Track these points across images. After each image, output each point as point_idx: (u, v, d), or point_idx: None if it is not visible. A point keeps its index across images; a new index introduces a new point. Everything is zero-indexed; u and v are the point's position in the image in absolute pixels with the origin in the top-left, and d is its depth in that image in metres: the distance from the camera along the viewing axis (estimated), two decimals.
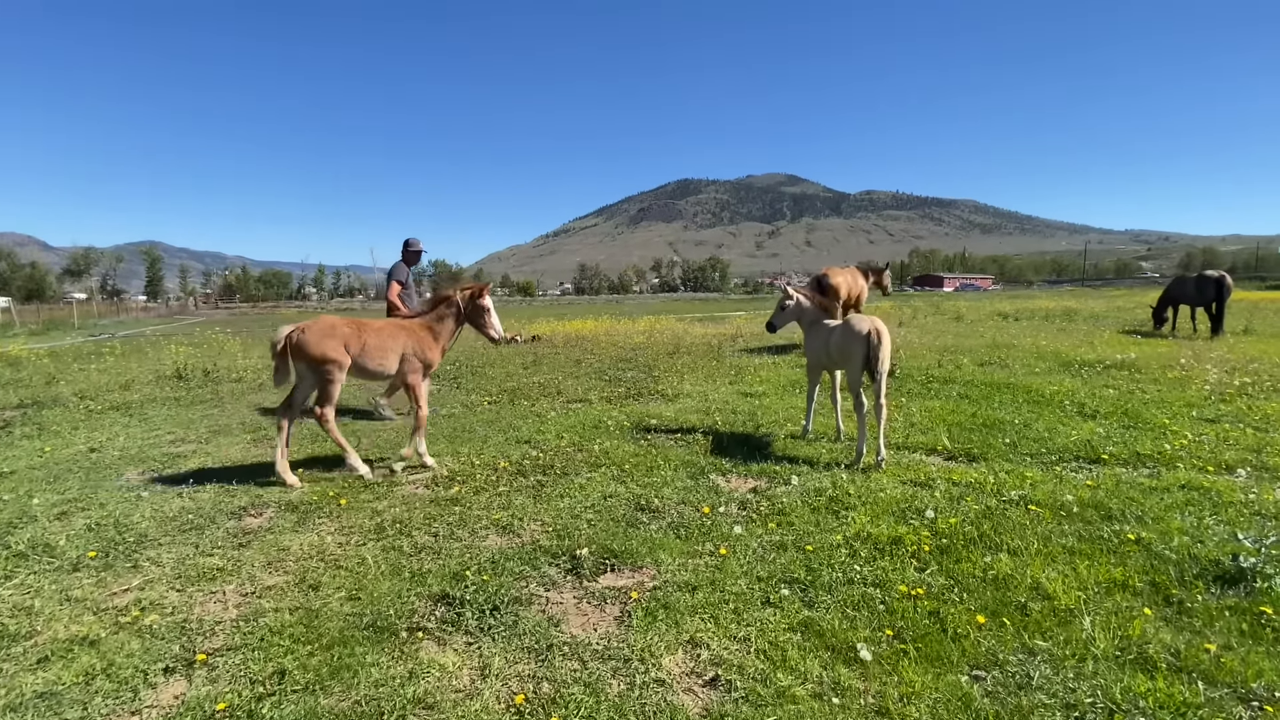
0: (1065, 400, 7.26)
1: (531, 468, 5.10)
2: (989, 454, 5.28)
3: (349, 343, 4.77)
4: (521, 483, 4.78)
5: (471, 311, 5.14)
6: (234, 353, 13.45)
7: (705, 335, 16.92)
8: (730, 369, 10.64)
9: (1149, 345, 12.38)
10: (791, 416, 6.84)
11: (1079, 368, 9.56)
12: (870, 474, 4.79)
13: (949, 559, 3.46)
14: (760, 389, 8.63)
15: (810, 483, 4.59)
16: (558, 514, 4.17)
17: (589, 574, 3.44)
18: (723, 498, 4.37)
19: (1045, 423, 6.29)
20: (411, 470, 5.18)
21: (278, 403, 8.04)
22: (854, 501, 4.22)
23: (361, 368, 4.84)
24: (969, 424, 6.30)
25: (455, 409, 7.70)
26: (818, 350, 5.63)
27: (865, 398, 5.16)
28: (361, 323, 4.99)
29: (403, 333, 4.99)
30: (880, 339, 4.96)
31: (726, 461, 5.11)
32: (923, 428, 6.25)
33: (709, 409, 7.31)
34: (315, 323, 4.82)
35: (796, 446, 5.62)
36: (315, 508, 4.42)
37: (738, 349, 14.13)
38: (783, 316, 5.94)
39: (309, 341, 4.68)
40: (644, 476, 4.80)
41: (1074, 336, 14.37)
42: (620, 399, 8.16)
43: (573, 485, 4.67)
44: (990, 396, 7.66)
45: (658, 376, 9.96)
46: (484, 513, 4.23)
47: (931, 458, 5.34)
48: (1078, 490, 4.35)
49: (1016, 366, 9.94)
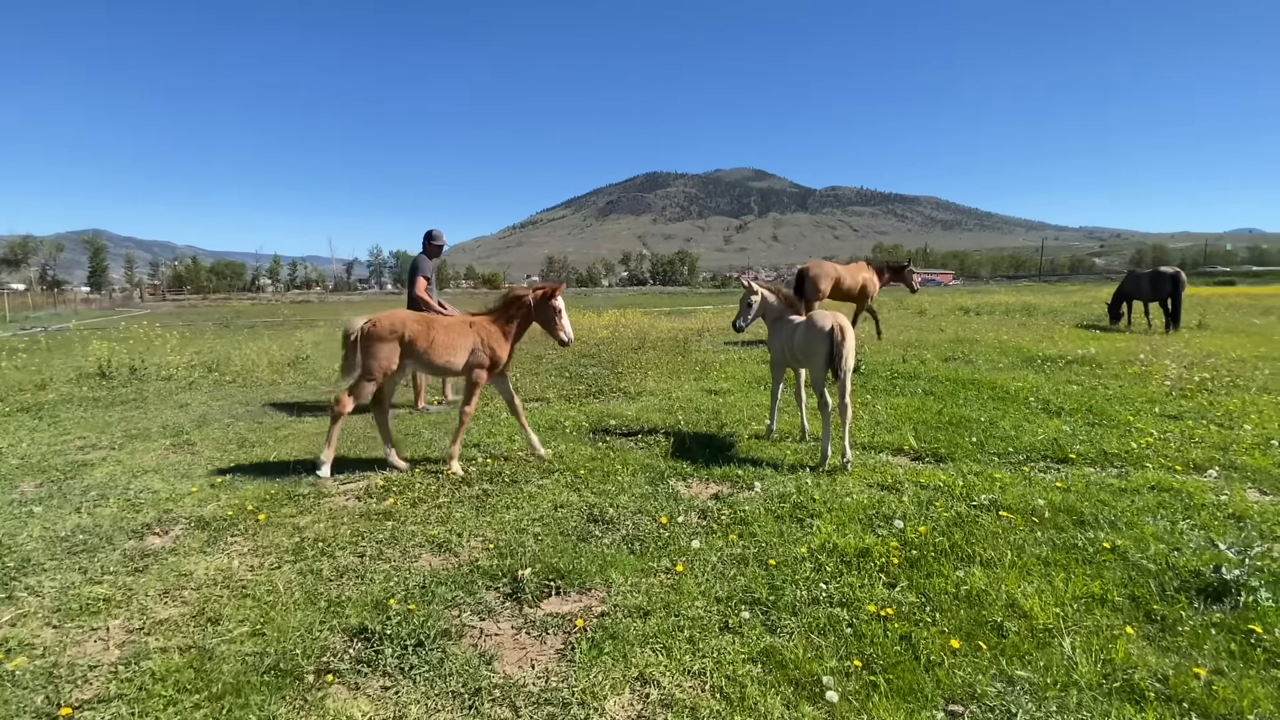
0: (1030, 396, 7.26)
1: (478, 475, 4.84)
2: (956, 454, 5.22)
3: (417, 339, 4.80)
4: (465, 492, 4.51)
5: (543, 312, 5.12)
6: (167, 348, 12.65)
7: (672, 330, 16.79)
8: (695, 365, 10.56)
9: (1107, 340, 12.62)
10: (756, 415, 6.74)
11: (1041, 363, 9.64)
12: (836, 476, 4.70)
13: (919, 573, 3.27)
14: (725, 385, 8.56)
15: (774, 487, 4.48)
16: (502, 528, 3.90)
17: (531, 598, 3.14)
18: (682, 505, 4.20)
19: (1011, 420, 6.26)
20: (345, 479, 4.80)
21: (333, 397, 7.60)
22: (819, 508, 4.07)
23: (428, 363, 4.87)
24: (935, 422, 6.26)
25: (400, 410, 7.43)
26: (781, 347, 5.52)
27: (829, 396, 5.07)
28: (430, 318, 5.03)
29: (472, 330, 5.03)
30: (844, 336, 4.87)
31: (688, 465, 5.00)
32: (889, 426, 6.20)
33: (672, 407, 7.20)
34: (387, 316, 4.87)
35: (761, 447, 5.51)
36: (229, 524, 4.01)
37: (704, 344, 13.97)
38: (748, 314, 5.80)
39: (378, 335, 4.75)
40: (600, 483, 4.62)
41: (1034, 331, 14.60)
42: (580, 397, 8.00)
43: (521, 495, 4.43)
44: (956, 393, 7.65)
45: (621, 373, 9.84)
46: (419, 528, 3.92)
47: (898, 458, 5.26)
48: (1048, 493, 4.25)
49: (980, 362, 9.99)
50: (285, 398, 8.28)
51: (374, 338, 4.77)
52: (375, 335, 4.77)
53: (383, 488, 4.59)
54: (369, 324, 4.78)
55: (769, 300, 5.74)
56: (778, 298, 5.74)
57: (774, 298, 5.74)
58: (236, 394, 8.57)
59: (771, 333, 5.75)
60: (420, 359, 4.86)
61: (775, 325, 5.70)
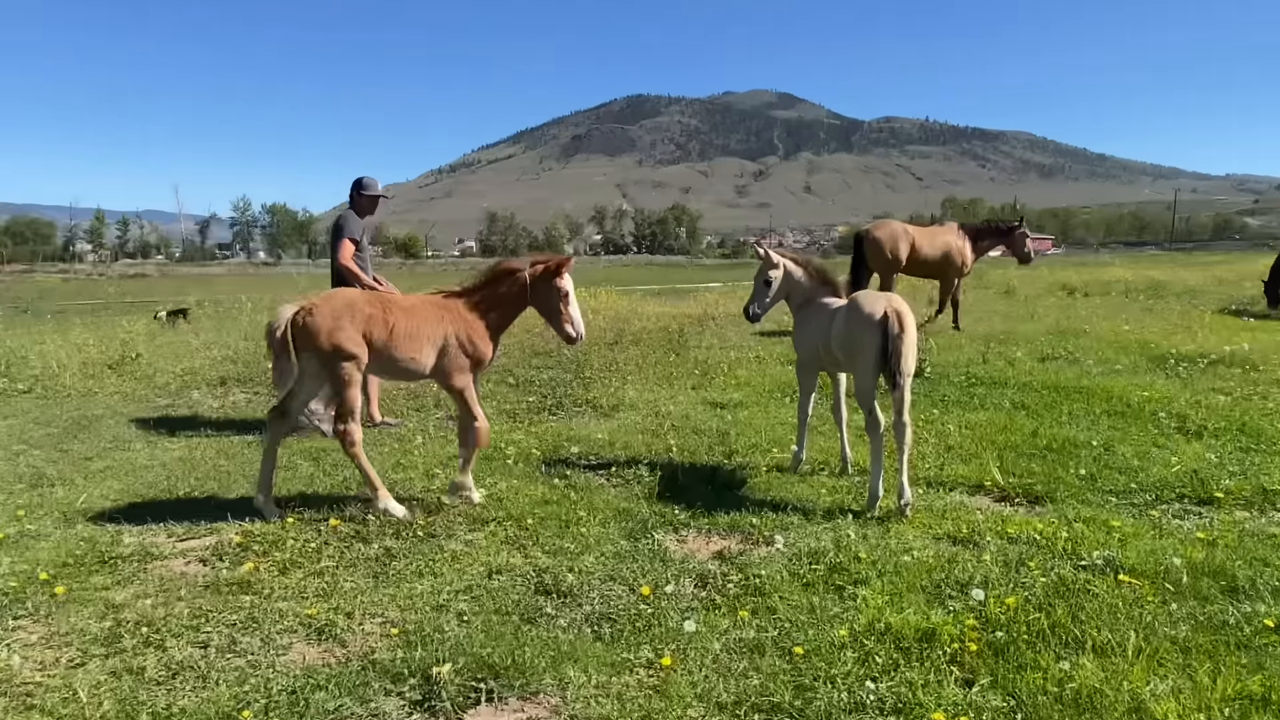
0: (1159, 410, 7.37)
1: (378, 527, 4.79)
2: (1058, 492, 5.28)
3: (372, 327, 4.88)
4: (360, 552, 4.46)
5: (543, 293, 5.22)
6: None
7: (663, 317, 16.86)
8: (694, 367, 10.64)
9: (1266, 332, 12.86)
10: (779, 438, 6.78)
11: (1175, 363, 9.81)
12: (890, 526, 4.73)
13: (1006, 665, 3.25)
14: (736, 396, 8.64)
15: (803, 542, 4.50)
16: (411, 605, 3.84)
17: (451, 708, 3.07)
18: (672, 569, 4.19)
19: (1133, 444, 6.34)
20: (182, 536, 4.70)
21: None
22: (866, 572, 4.07)
23: (388, 361, 4.95)
24: (1028, 447, 6.32)
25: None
26: (812, 343, 5.55)
27: (881, 412, 5.06)
28: (386, 298, 5.12)
29: (445, 315, 5.11)
30: (901, 326, 4.88)
31: (682, 510, 5.04)
32: (964, 453, 6.25)
33: (660, 427, 7.27)
34: (329, 298, 4.94)
35: (785, 484, 5.54)
36: (11, 601, 3.89)
37: (708, 337, 13.99)
38: (766, 296, 5.84)
39: (320, 325, 4.78)
40: (555, 537, 4.63)
41: (1165, 319, 14.83)
42: (530, 413, 8.08)
43: (441, 555, 4.39)
44: (1056, 406, 7.74)
45: (589, 379, 9.92)
46: (291, 605, 3.85)
47: (977, 499, 5.32)
48: (1186, 548, 4.27)
49: (1090, 362, 10.13)
50: (105, 414, 8.18)
51: (317, 329, 4.77)
52: (318, 326, 4.77)
53: (240, 546, 4.51)
54: (306, 312, 4.81)
55: (795, 276, 5.76)
56: (807, 273, 5.77)
57: (802, 272, 5.77)
58: (33, 410, 8.46)
59: (799, 322, 5.78)
60: (377, 354, 4.91)
61: (804, 312, 5.72)
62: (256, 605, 3.82)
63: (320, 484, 5.71)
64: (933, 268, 13.63)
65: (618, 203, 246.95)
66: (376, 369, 5.07)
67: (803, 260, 5.89)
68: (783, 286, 5.78)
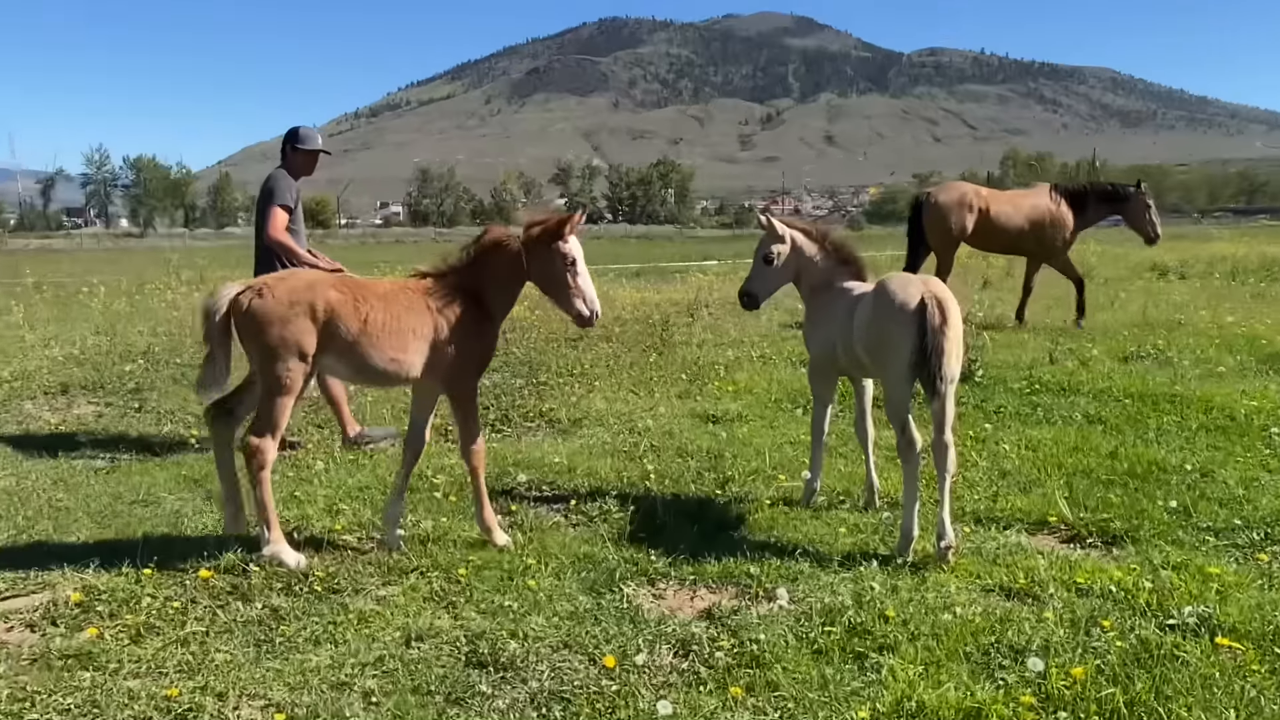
0: (1271, 426, 7.46)
1: (263, 580, 4.76)
2: (1141, 530, 5.33)
3: (340, 318, 4.92)
4: (238, 613, 4.42)
5: (543, 263, 5.31)
6: None
7: (642, 305, 16.93)
8: (681, 370, 10.71)
9: None
10: (787, 462, 6.82)
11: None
12: (927, 575, 4.77)
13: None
14: (733, 408, 8.69)
15: (814, 596, 4.55)
16: (303, 682, 3.82)
17: None
18: (646, 633, 4.19)
19: (1238, 468, 6.41)
20: None
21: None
22: (895, 635, 4.09)
23: (362, 362, 5.02)
24: (1104, 472, 6.38)
25: (125, 454, 7.46)
26: (829, 338, 5.59)
27: (917, 429, 5.08)
28: (358, 283, 5.25)
29: (430, 302, 5.22)
30: (944, 318, 4.90)
31: (660, 556, 5.06)
32: (1023, 480, 6.30)
33: (635, 448, 7.33)
34: (284, 278, 5.05)
35: (793, 522, 5.58)
36: None
37: (698, 331, 14.00)
38: (768, 276, 5.88)
39: (271, 311, 4.81)
40: (494, 593, 4.63)
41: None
42: None
43: (345, 617, 4.36)
44: (1141, 419, 7.84)
45: (545, 385, 9.96)
46: (145, 684, 3.79)
47: (1038, 539, 5.37)
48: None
49: (1185, 363, 10.27)
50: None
51: (269, 316, 4.82)
52: (269, 312, 4.83)
53: (79, 605, 4.45)
54: (254, 293, 4.88)
55: (806, 253, 5.79)
56: (823, 248, 5.81)
57: (815, 248, 5.80)
58: None
59: (811, 312, 5.84)
60: (347, 353, 4.99)
61: (819, 299, 5.77)
62: (99, 684, 3.75)
63: (189, 523, 5.66)
64: (1019, 241, 13.71)
65: (586, 157, 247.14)
66: (347, 371, 5.17)
67: (817, 232, 5.92)
68: (790, 266, 5.81)
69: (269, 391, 4.93)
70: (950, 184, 14.09)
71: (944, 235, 13.43)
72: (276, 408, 4.92)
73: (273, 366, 4.86)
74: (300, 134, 7.62)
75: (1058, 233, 13.54)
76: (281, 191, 7.33)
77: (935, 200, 13.57)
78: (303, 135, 7.61)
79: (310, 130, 7.72)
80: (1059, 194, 13.73)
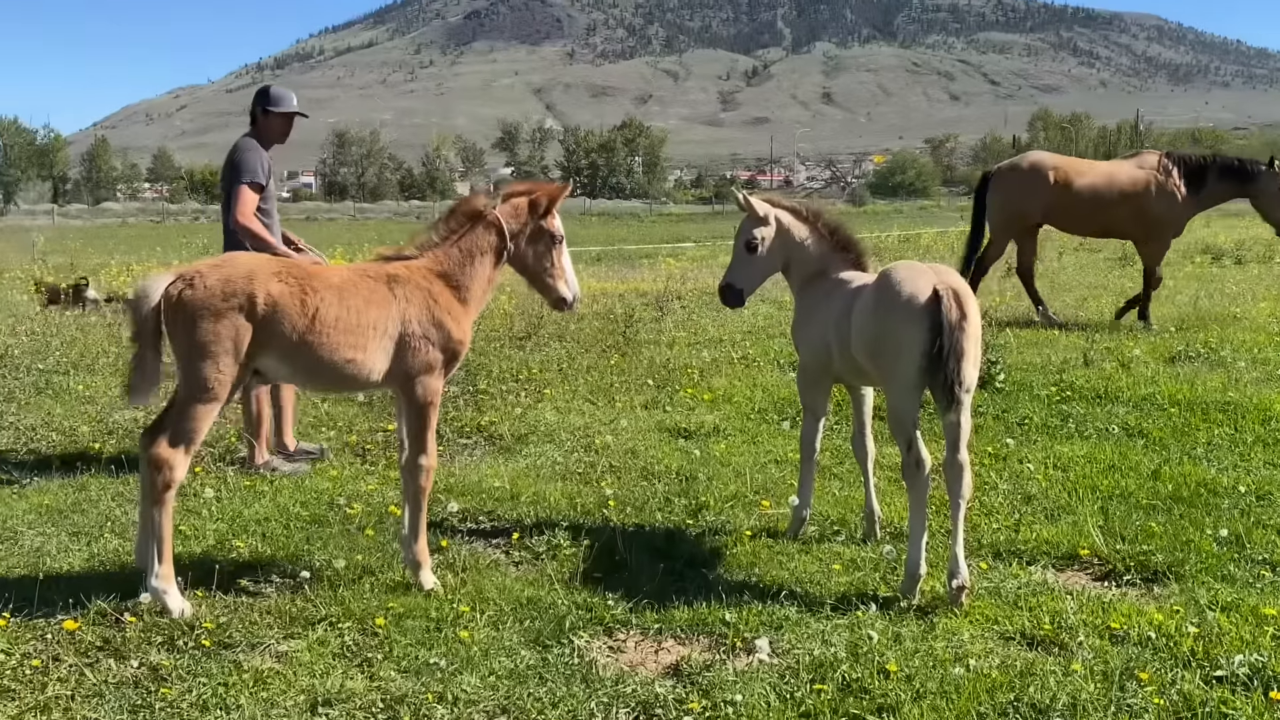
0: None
1: (141, 632, 4.70)
2: (1187, 564, 5.36)
3: (281, 312, 4.95)
4: (111, 672, 4.36)
5: (529, 241, 5.53)
6: None
7: (603, 297, 17.01)
8: (648, 374, 10.72)
9: None
10: (772, 485, 6.85)
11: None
12: (936, 620, 4.78)
13: None
14: (709, 420, 8.72)
15: (802, 647, 4.53)
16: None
17: None
18: (601, 694, 4.18)
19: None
20: None
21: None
22: (898, 693, 4.09)
23: (313, 364, 5.09)
24: (1145, 496, 6.41)
25: None
26: (822, 338, 5.62)
27: (924, 448, 5.10)
28: (308, 270, 5.31)
29: (396, 290, 5.28)
30: (963, 312, 4.94)
31: (619, 601, 5.05)
32: (1050, 506, 6.33)
33: (591, 469, 7.37)
34: (219, 265, 5.07)
35: (778, 557, 5.59)
36: None
37: (669, 327, 14.00)
38: (752, 267, 5.89)
39: (199, 303, 4.84)
40: (419, 647, 4.59)
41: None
42: (389, 449, 8.08)
43: (238, 678, 4.31)
44: (1189, 432, 7.92)
45: (485, 393, 9.96)
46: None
47: (1067, 575, 5.41)
48: None
49: (1241, 364, 10.40)
50: None
51: (199, 309, 4.85)
52: (200, 304, 4.86)
53: None
54: (185, 283, 4.90)
55: (795, 235, 5.82)
56: (815, 230, 5.84)
57: (806, 230, 5.84)
58: None
59: (801, 306, 5.87)
60: (292, 354, 5.05)
61: (811, 290, 5.81)
62: None
63: (53, 563, 5.58)
64: (1117, 221, 13.55)
65: (537, 117, 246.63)
66: (298, 375, 5.29)
67: (808, 211, 5.94)
68: (777, 252, 5.83)
69: (189, 396, 4.92)
70: (1027, 154, 14.07)
71: (1006, 215, 13.54)
72: (196, 415, 4.91)
73: (198, 366, 4.87)
74: (272, 94, 7.68)
75: (1166, 212, 13.14)
76: (250, 165, 7.34)
77: (1010, 170, 13.66)
78: (275, 95, 7.67)
79: (283, 90, 7.79)
80: (1171, 163, 13.32)
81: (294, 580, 5.33)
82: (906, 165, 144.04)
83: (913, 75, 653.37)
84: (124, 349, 12.33)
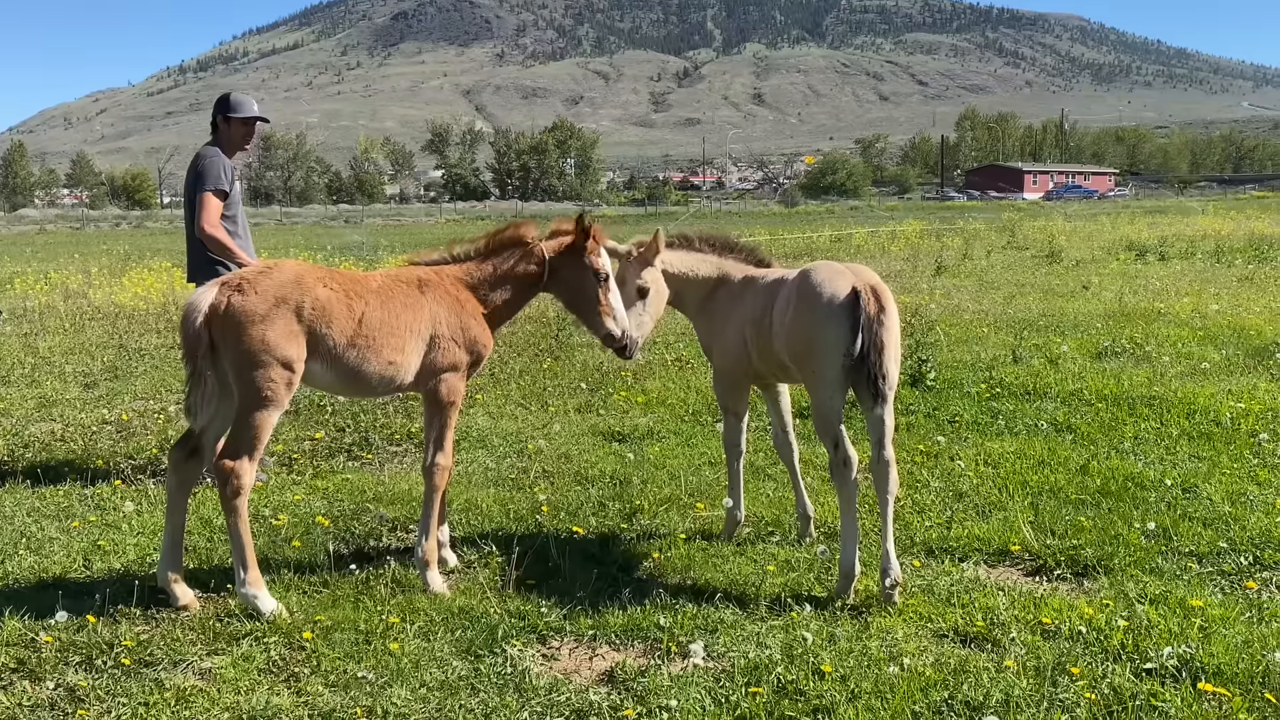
0: (1261, 430, 7.73)
1: (58, 653, 4.61)
2: (1116, 558, 5.46)
3: (330, 318, 5.05)
4: (24, 695, 4.28)
5: (569, 276, 5.65)
6: None
7: (537, 300, 16.64)
8: (582, 377, 10.78)
9: None
10: (706, 487, 6.88)
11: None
12: (870, 619, 4.81)
13: None
14: (643, 423, 8.77)
15: (736, 650, 4.56)
16: None
17: None
18: (535, 703, 4.17)
19: (1224, 481, 6.61)
20: None
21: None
22: (832, 693, 4.11)
23: (355, 369, 5.17)
24: (1074, 491, 6.51)
25: None
26: (738, 337, 5.69)
27: (850, 446, 5.14)
28: (348, 276, 5.40)
29: (426, 294, 5.44)
30: (880, 308, 5.02)
31: (552, 608, 5.07)
32: (981, 502, 6.40)
33: (526, 475, 7.39)
34: (267, 272, 5.10)
35: (713, 560, 5.61)
36: None
37: None
38: (643, 314, 5.90)
39: (250, 311, 4.86)
40: (347, 660, 4.56)
41: (1274, 294, 15.61)
42: (317, 457, 8.10)
43: (160, 697, 4.25)
44: (1116, 426, 8.05)
45: (415, 399, 9.70)
46: None
47: (999, 571, 5.47)
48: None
49: (1166, 358, 10.60)
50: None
51: (251, 316, 4.87)
52: (251, 311, 4.88)
53: None
54: (233, 290, 4.93)
55: (677, 270, 5.94)
56: (693, 249, 6.01)
57: (684, 252, 5.98)
58: None
59: (708, 318, 5.98)
60: (337, 359, 5.12)
61: (714, 299, 5.92)
62: None
63: None
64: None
65: (467, 119, 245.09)
66: (338, 382, 5.30)
67: (679, 238, 6.06)
68: (660, 291, 5.90)
69: (247, 406, 4.95)
70: None
71: None
72: (256, 424, 4.95)
73: (253, 374, 4.89)
74: (232, 101, 7.61)
75: None
76: (214, 172, 7.27)
77: None
78: (235, 102, 7.59)
79: (243, 96, 7.72)
80: None
81: (218, 595, 5.27)
82: (837, 166, 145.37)
83: (842, 76, 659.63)
84: (38, 360, 12.13)
